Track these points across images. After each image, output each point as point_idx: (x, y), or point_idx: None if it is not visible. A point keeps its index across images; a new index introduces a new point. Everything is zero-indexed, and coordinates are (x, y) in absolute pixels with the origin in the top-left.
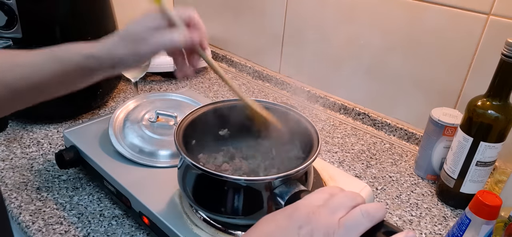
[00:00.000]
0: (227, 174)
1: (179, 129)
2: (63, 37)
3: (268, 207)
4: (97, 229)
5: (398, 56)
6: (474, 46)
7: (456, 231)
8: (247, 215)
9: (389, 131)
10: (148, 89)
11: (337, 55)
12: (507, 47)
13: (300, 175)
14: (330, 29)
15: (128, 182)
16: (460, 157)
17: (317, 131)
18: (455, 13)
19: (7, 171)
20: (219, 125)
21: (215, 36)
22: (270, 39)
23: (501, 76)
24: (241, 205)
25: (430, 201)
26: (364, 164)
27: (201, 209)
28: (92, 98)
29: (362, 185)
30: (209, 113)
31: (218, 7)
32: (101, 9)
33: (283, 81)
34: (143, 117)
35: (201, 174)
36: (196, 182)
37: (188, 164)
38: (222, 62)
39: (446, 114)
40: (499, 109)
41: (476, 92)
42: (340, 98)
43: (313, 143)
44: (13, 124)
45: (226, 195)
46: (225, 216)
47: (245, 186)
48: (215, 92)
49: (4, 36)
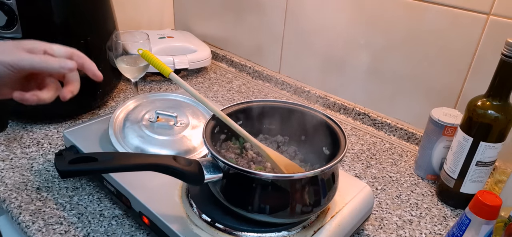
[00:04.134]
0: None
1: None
2: (63, 37)
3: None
4: (97, 229)
5: (398, 56)
6: (474, 46)
7: (456, 231)
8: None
9: (389, 131)
10: (148, 89)
11: (337, 55)
12: (507, 47)
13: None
14: (330, 29)
15: (128, 182)
16: (460, 157)
17: (344, 132)
18: (455, 13)
19: (7, 171)
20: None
21: (215, 36)
22: (270, 39)
23: (501, 76)
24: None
25: (430, 201)
26: (364, 164)
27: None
28: (92, 98)
29: (362, 185)
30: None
31: (218, 7)
32: (101, 9)
33: (283, 81)
34: (143, 117)
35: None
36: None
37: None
38: (222, 62)
39: (446, 114)
40: (499, 109)
41: (476, 92)
42: (340, 98)
43: (340, 143)
44: (13, 124)
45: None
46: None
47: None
48: (215, 92)
49: (4, 36)
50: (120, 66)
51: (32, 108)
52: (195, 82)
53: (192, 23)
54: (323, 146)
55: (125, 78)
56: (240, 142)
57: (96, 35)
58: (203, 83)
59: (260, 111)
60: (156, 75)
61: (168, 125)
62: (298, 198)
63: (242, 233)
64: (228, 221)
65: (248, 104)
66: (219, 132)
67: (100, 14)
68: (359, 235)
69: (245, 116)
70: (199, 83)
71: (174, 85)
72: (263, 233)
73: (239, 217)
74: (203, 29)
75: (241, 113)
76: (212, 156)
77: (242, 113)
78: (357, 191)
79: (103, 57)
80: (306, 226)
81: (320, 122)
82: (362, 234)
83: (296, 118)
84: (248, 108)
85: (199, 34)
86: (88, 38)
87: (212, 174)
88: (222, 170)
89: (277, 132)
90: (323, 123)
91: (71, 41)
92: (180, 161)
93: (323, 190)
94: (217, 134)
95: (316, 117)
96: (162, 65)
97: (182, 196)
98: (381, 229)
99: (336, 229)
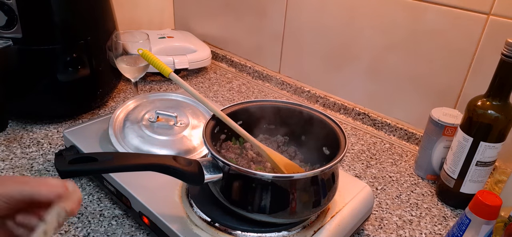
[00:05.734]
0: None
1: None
2: (63, 37)
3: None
4: (97, 229)
5: (398, 56)
6: (474, 46)
7: (456, 231)
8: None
9: (389, 131)
10: (148, 89)
11: (337, 55)
12: (507, 47)
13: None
14: (330, 29)
15: (128, 182)
16: (460, 157)
17: (344, 132)
18: (455, 13)
19: (7, 171)
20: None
21: (215, 36)
22: (270, 39)
23: (501, 76)
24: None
25: (430, 201)
26: (364, 164)
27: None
28: (92, 98)
29: (362, 185)
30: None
31: (218, 7)
32: (101, 9)
33: (283, 81)
34: (143, 117)
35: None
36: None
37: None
38: (222, 62)
39: (446, 114)
40: (499, 109)
41: (476, 92)
42: (340, 98)
43: (340, 143)
44: (13, 124)
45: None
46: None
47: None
48: (215, 92)
49: (4, 36)
50: (120, 66)
51: (32, 108)
52: (195, 82)
53: (192, 23)
54: (323, 146)
55: (125, 78)
56: (240, 142)
57: (96, 35)
58: (203, 83)
59: (260, 111)
60: (156, 75)
61: (168, 125)
62: (298, 198)
63: (242, 233)
64: (228, 221)
65: (248, 104)
66: (219, 132)
67: (100, 14)
68: (359, 235)
69: (245, 116)
70: (199, 83)
71: (174, 85)
72: (263, 233)
73: (239, 217)
74: (203, 29)
75: (241, 113)
76: (212, 156)
77: (242, 113)
78: (357, 191)
79: (103, 57)
80: (306, 226)
81: (320, 122)
82: (362, 234)
83: (296, 118)
84: (248, 108)
85: (199, 34)
86: (88, 38)
87: (212, 174)
88: (222, 170)
89: (277, 132)
90: (323, 123)
91: (71, 41)
92: (180, 161)
93: (323, 190)
94: (217, 134)
95: (316, 117)
96: (162, 65)
97: (182, 196)
98: (381, 229)
99: (336, 229)
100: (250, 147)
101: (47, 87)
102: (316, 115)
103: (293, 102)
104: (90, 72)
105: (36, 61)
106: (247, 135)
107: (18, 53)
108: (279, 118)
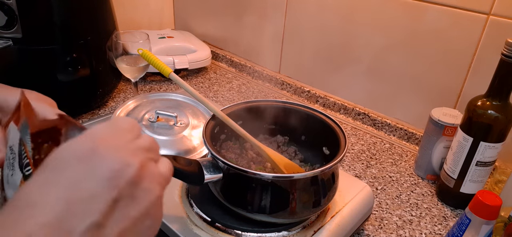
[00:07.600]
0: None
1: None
2: (63, 37)
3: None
4: None
5: (398, 56)
6: (474, 46)
7: (456, 231)
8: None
9: (389, 131)
10: (148, 89)
11: (337, 55)
12: (507, 47)
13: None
14: (330, 29)
15: None
16: (460, 157)
17: (344, 132)
18: (455, 13)
19: None
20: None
21: (215, 36)
22: (270, 39)
23: (501, 76)
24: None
25: (430, 201)
26: (364, 164)
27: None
28: (92, 98)
29: (362, 185)
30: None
31: (218, 7)
32: (101, 9)
33: (283, 81)
34: (143, 117)
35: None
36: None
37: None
38: (222, 62)
39: (446, 114)
40: (499, 109)
41: (476, 92)
42: (340, 98)
43: (340, 143)
44: None
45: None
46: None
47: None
48: (215, 92)
49: (4, 36)
50: (120, 66)
51: None
52: (195, 82)
53: (192, 23)
54: (323, 146)
55: (125, 78)
56: (240, 142)
57: (96, 35)
58: (203, 83)
59: (260, 111)
60: (156, 75)
61: (168, 125)
62: (298, 198)
63: (242, 233)
64: (228, 221)
65: (248, 104)
66: (219, 132)
67: (100, 14)
68: (359, 235)
69: (245, 116)
70: (199, 83)
71: (174, 85)
72: (263, 233)
73: (239, 217)
74: (203, 29)
75: (241, 113)
76: (212, 156)
77: (242, 113)
78: (357, 191)
79: (103, 57)
80: (306, 226)
81: (320, 122)
82: (362, 234)
83: (296, 118)
84: (248, 108)
85: (199, 34)
86: (88, 38)
87: (212, 174)
88: (222, 170)
89: (277, 132)
90: (323, 123)
91: (71, 41)
92: (180, 161)
93: (323, 190)
94: (217, 134)
95: (316, 117)
96: (162, 65)
97: (182, 196)
98: (381, 229)
99: (336, 229)
100: (250, 147)
101: (47, 87)
102: (316, 115)
103: (293, 102)
104: (90, 72)
105: (36, 61)
106: (247, 135)
107: (18, 53)
108: (279, 118)
